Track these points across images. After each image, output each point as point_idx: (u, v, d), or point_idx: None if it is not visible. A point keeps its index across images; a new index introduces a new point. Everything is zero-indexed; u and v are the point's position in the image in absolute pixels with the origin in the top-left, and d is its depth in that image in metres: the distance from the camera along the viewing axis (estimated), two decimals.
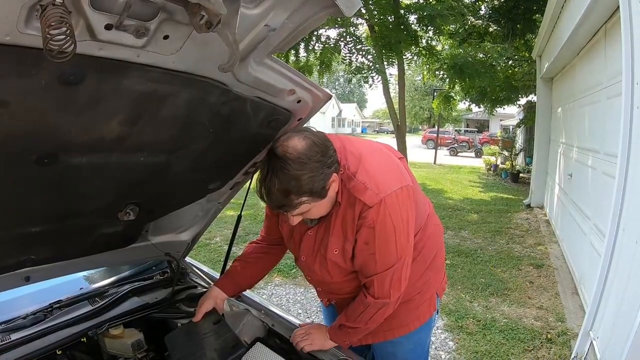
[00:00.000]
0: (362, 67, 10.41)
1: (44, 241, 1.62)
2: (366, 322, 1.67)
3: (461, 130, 35.30)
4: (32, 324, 1.77)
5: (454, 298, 4.71)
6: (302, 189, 1.39)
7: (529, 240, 7.04)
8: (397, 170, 1.57)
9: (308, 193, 1.40)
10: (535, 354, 3.62)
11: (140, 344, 1.83)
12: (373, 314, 1.65)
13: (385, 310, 1.65)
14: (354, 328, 1.70)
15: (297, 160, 1.37)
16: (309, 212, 1.49)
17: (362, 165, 1.51)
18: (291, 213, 1.47)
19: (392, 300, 1.62)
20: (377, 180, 1.48)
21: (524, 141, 15.44)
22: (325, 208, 1.53)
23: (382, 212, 1.45)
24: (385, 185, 1.47)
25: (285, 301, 4.62)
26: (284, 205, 1.43)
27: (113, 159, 1.33)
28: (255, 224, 7.39)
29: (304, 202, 1.42)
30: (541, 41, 8.34)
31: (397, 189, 1.48)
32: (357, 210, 1.49)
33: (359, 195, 1.47)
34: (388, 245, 1.52)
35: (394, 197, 1.46)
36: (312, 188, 1.40)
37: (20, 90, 0.94)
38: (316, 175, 1.39)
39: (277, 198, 1.41)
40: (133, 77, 1.07)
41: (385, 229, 1.48)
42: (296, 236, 1.73)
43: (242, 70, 1.26)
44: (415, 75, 35.81)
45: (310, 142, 1.41)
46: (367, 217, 1.47)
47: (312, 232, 1.65)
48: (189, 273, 2.34)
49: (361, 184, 1.47)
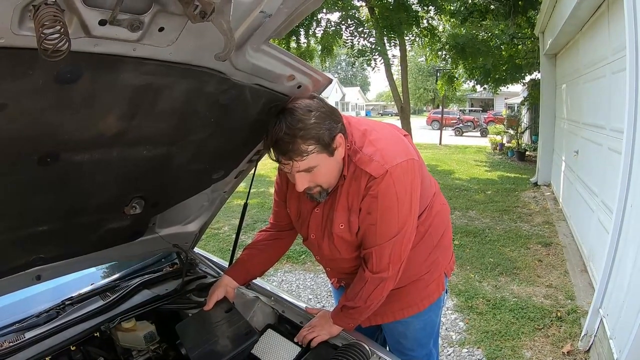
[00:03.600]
0: (364, 50, 10.34)
1: (52, 240, 1.63)
2: (365, 299, 1.67)
3: (466, 110, 35.08)
4: (46, 322, 1.78)
5: (463, 278, 4.72)
6: (309, 134, 1.39)
7: (537, 218, 7.02)
8: (402, 144, 1.58)
9: (315, 140, 1.40)
10: (546, 332, 3.62)
11: (153, 336, 1.85)
12: (372, 291, 1.65)
13: (384, 287, 1.66)
14: (354, 308, 1.70)
15: (305, 108, 1.41)
16: (315, 171, 1.48)
17: (367, 139, 1.53)
18: (298, 163, 1.43)
19: (390, 275, 1.63)
20: (382, 152, 1.49)
21: (530, 119, 15.32)
22: (332, 172, 1.52)
23: (387, 182, 1.47)
24: (391, 157, 1.48)
25: (296, 287, 4.65)
26: (290, 151, 1.41)
27: (115, 154, 1.33)
28: (262, 211, 7.42)
29: (310, 151, 1.41)
30: (543, 17, 8.22)
31: (403, 161, 1.49)
32: (362, 182, 1.51)
33: (364, 166, 1.49)
34: (389, 216, 1.53)
35: (399, 168, 1.47)
36: (318, 134, 1.40)
37: (17, 92, 0.94)
38: (322, 123, 1.41)
39: (283, 143, 1.40)
40: (130, 71, 1.07)
41: (389, 199, 1.50)
42: (304, 215, 1.75)
43: (239, 58, 1.25)
44: (418, 56, 35.58)
45: (318, 100, 1.47)
46: (372, 187, 1.48)
47: (319, 209, 1.67)
48: (198, 263, 2.35)
49: (367, 156, 1.49)
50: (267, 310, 1.99)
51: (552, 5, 7.22)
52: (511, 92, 24.30)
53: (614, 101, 4.25)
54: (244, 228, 6.05)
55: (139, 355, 1.83)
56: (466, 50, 10.12)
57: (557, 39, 7.36)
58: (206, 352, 1.64)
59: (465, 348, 3.44)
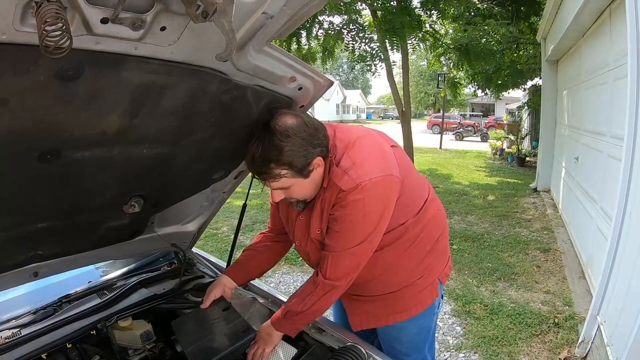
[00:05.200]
0: (366, 55, 10.34)
1: (51, 237, 1.63)
2: (311, 305, 1.65)
3: (466, 115, 35.09)
4: (42, 319, 1.79)
5: (461, 283, 4.72)
6: (282, 160, 1.43)
7: (536, 224, 7.02)
8: (381, 159, 1.57)
9: (287, 166, 1.45)
10: (543, 338, 3.62)
11: (150, 335, 1.84)
12: (320, 297, 1.64)
13: (332, 295, 1.65)
14: (299, 313, 1.67)
15: (283, 133, 1.42)
16: (290, 189, 1.54)
17: (347, 153, 1.54)
18: (271, 184, 1.51)
19: (342, 284, 1.63)
20: (357, 167, 1.50)
21: (530, 125, 15.34)
22: (307, 190, 1.57)
23: (356, 195, 1.48)
24: (364, 172, 1.49)
25: (293, 288, 4.63)
26: (263, 173, 1.47)
27: (116, 152, 1.33)
28: (261, 212, 7.42)
29: (283, 175, 1.46)
30: (546, 23, 8.25)
31: (377, 177, 1.49)
32: (334, 193, 1.53)
33: (337, 180, 1.51)
34: (354, 227, 1.54)
35: (370, 184, 1.48)
36: (292, 161, 1.44)
37: (19, 88, 0.94)
38: (297, 151, 1.43)
39: (258, 164, 1.46)
40: (131, 69, 1.07)
41: (356, 212, 1.51)
42: (290, 222, 1.78)
43: (241, 58, 1.25)
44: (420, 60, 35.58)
45: (301, 121, 1.46)
46: (342, 197, 1.50)
47: (303, 216, 1.69)
48: (196, 263, 2.35)
49: (341, 170, 1.51)
50: (264, 312, 1.99)
51: (555, 12, 7.24)
52: (512, 97, 24.32)
53: (615, 108, 4.25)
54: (243, 229, 6.04)
55: (135, 354, 1.81)
56: (470, 52, 10.12)
57: (559, 45, 7.37)
58: (202, 348, 1.64)
59: (462, 353, 3.44)
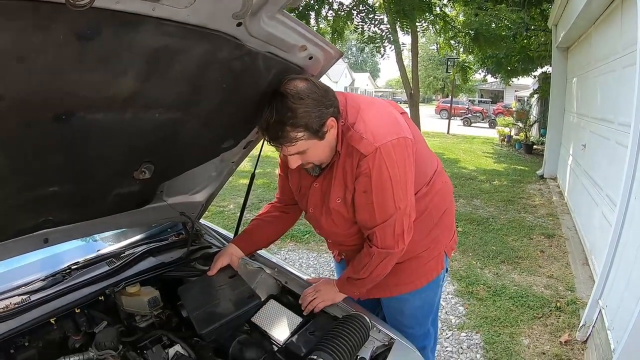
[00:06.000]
0: (375, 37, 10.25)
1: (62, 202, 1.64)
2: (371, 272, 1.70)
3: (475, 101, 34.83)
4: (51, 285, 1.81)
5: (465, 264, 4.76)
6: (297, 123, 1.44)
7: (541, 210, 7.02)
8: (394, 122, 1.59)
9: (303, 127, 1.45)
10: (544, 321, 3.66)
11: (157, 301, 1.86)
12: (378, 264, 1.68)
13: (390, 261, 1.69)
14: (360, 279, 1.74)
15: (295, 95, 1.43)
16: (306, 153, 1.53)
17: (359, 116, 1.55)
18: (287, 149, 1.51)
19: (396, 250, 1.66)
20: (373, 130, 1.51)
21: (539, 112, 15.22)
22: (323, 153, 1.57)
23: (378, 160, 1.49)
24: (381, 135, 1.50)
25: (298, 266, 4.69)
26: (280, 138, 1.47)
27: (128, 115, 1.33)
28: (268, 191, 7.46)
29: (299, 138, 1.47)
30: (557, 9, 8.13)
31: (393, 139, 1.51)
32: (354, 159, 1.53)
33: (355, 144, 1.51)
34: (385, 194, 1.55)
35: (389, 146, 1.49)
36: (307, 123, 1.44)
37: (37, 46, 0.94)
38: (312, 111, 1.44)
39: (273, 129, 1.47)
40: (147, 31, 1.07)
41: (382, 178, 1.52)
42: (304, 190, 1.78)
43: (254, 24, 1.25)
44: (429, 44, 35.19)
45: (311, 84, 1.48)
46: (363, 165, 1.51)
47: (318, 184, 1.70)
48: (204, 234, 2.38)
49: (357, 134, 1.51)
50: (270, 281, 2.02)
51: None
52: (521, 84, 24.14)
53: (623, 95, 4.22)
54: (249, 206, 6.08)
55: (142, 320, 1.84)
56: (480, 37, 10.01)
57: (569, 32, 7.30)
58: (207, 312, 1.66)
59: (464, 332, 3.48)
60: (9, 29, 0.86)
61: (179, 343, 1.64)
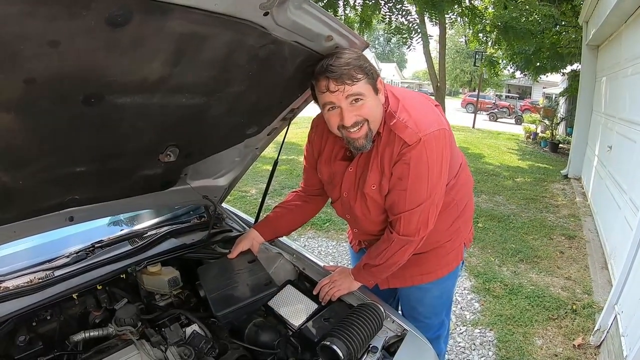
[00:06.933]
0: (402, 28, 10.12)
1: (88, 181, 1.69)
2: (388, 259, 1.72)
3: (502, 96, 34.22)
4: (75, 262, 1.87)
5: (483, 261, 4.73)
6: (359, 63, 1.47)
7: (563, 210, 6.91)
8: (434, 113, 1.61)
9: (363, 71, 1.48)
10: (559, 323, 3.63)
11: (177, 281, 1.91)
12: (396, 251, 1.70)
13: (407, 249, 1.70)
14: (377, 266, 1.76)
15: (351, 49, 1.53)
16: (364, 101, 1.50)
17: (402, 105, 1.56)
18: (350, 87, 1.47)
19: (416, 239, 1.67)
20: (416, 120, 1.52)
21: (566, 111, 14.89)
22: (377, 109, 1.55)
23: (420, 150, 1.50)
24: (425, 125, 1.51)
25: (317, 253, 4.74)
26: (343, 74, 1.45)
27: (156, 99, 1.37)
28: (291, 178, 7.51)
29: (360, 78, 1.47)
30: (588, 6, 7.91)
31: (436, 130, 1.52)
32: (396, 148, 1.54)
33: (399, 132, 1.52)
34: (420, 183, 1.56)
35: (432, 137, 1.51)
36: (366, 67, 1.48)
37: (70, 31, 0.96)
38: (370, 64, 1.50)
39: (336, 67, 1.45)
40: (176, 18, 1.09)
41: (420, 167, 1.53)
42: (337, 177, 1.79)
43: (280, 13, 1.27)
44: (458, 36, 34.64)
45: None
46: (405, 153, 1.52)
47: (353, 168, 1.71)
48: (225, 218, 2.42)
49: (401, 122, 1.52)
50: (288, 267, 2.05)
51: None
52: (550, 81, 23.56)
53: None
54: (271, 193, 6.13)
55: (162, 299, 1.89)
56: (509, 31, 9.80)
57: (600, 29, 7.10)
58: (224, 295, 1.71)
59: (478, 328, 3.48)
60: (43, 15, 0.88)
61: (196, 322, 1.68)
